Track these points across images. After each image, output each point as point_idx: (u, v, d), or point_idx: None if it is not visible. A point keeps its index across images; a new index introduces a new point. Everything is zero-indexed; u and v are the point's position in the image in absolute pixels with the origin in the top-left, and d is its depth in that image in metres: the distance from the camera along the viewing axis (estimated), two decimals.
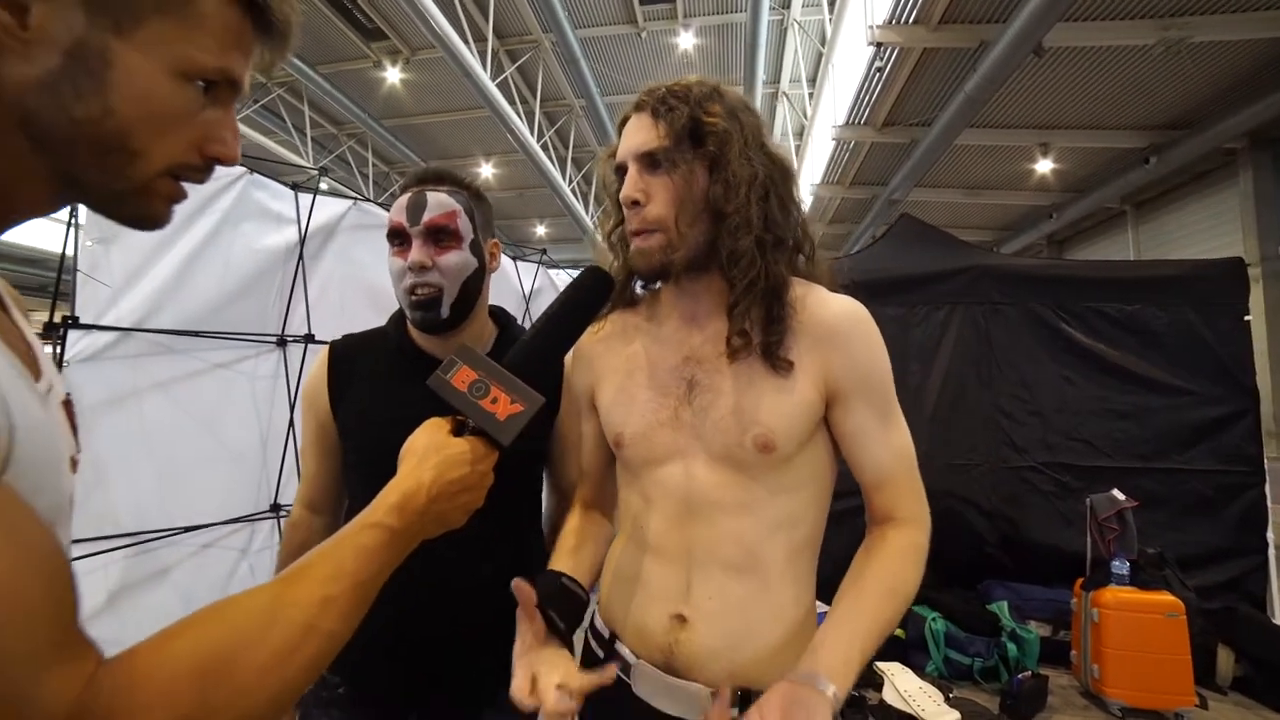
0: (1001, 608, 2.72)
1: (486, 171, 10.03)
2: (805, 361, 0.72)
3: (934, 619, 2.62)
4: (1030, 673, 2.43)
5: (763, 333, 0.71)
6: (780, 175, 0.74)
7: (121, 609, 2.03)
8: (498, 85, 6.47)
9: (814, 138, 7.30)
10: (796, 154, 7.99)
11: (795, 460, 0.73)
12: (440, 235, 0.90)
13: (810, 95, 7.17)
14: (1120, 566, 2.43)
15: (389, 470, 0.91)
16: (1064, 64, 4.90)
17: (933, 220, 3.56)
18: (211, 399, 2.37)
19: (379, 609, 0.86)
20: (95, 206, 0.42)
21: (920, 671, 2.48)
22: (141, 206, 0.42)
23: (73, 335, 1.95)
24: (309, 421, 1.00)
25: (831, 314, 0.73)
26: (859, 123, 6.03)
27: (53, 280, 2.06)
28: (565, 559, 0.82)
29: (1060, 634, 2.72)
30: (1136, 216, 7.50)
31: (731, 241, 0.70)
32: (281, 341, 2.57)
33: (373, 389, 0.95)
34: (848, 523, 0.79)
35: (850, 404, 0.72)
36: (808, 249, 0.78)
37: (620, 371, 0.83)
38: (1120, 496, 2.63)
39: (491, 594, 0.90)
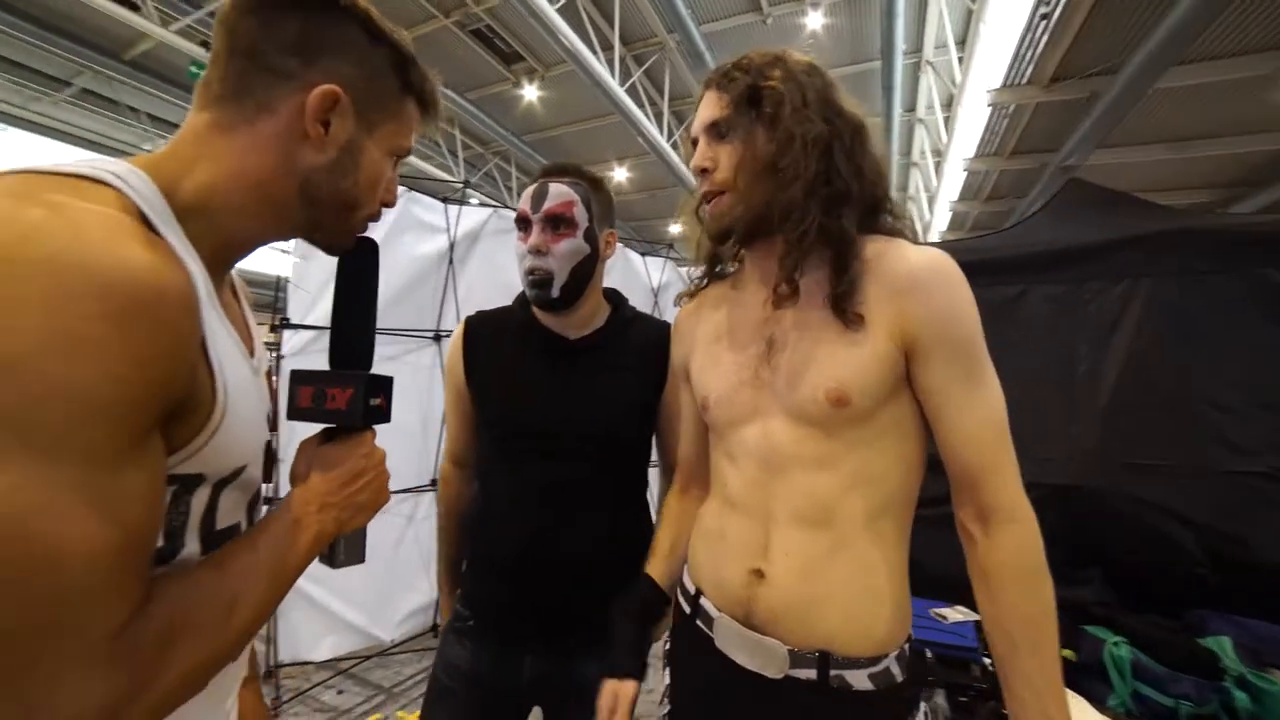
0: (1222, 645, 2.21)
1: (620, 175, 10.41)
2: (880, 314, 0.69)
3: (1115, 643, 2.22)
4: None
5: (831, 286, 0.71)
6: (850, 132, 0.75)
7: None
8: (626, 90, 6.70)
9: (965, 106, 6.54)
10: (945, 127, 7.23)
11: (875, 417, 0.70)
12: (557, 222, 0.99)
13: (960, 60, 6.45)
14: None
15: (512, 430, 1.03)
16: None
17: (1125, 186, 2.99)
18: None
19: (505, 561, 0.98)
20: (315, 240, 0.61)
21: (1100, 704, 2.11)
22: (345, 242, 0.62)
23: (286, 333, 2.39)
24: (449, 388, 1.13)
25: (909, 264, 0.70)
26: (1020, 82, 5.28)
27: (266, 294, 2.58)
28: (659, 564, 0.92)
29: None
30: None
31: (783, 194, 0.72)
32: (437, 337, 2.92)
33: (499, 359, 1.07)
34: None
35: (929, 359, 0.68)
36: (889, 206, 0.77)
37: (709, 338, 0.86)
38: None
39: (595, 560, 1.00)
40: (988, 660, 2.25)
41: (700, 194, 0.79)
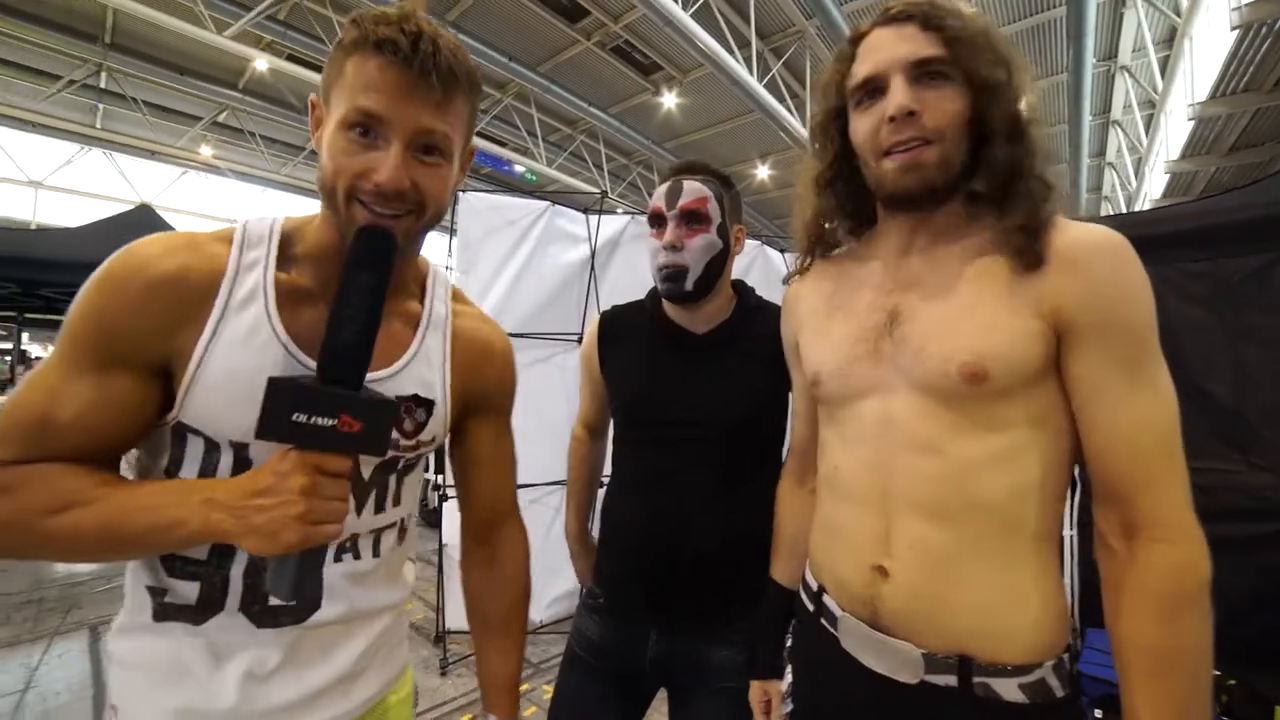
0: None
1: (762, 173, 10.21)
2: (1036, 287, 0.61)
3: None
4: None
5: (1017, 242, 0.63)
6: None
7: None
8: (766, 85, 6.55)
9: (1195, 37, 5.32)
10: (1162, 70, 5.96)
11: (1015, 398, 0.62)
12: (692, 219, 1.01)
13: None
14: None
15: (639, 419, 1.08)
16: None
17: None
18: (535, 386, 3.01)
19: (632, 544, 1.03)
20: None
21: None
22: (352, 229, 0.56)
23: None
24: (584, 373, 1.21)
25: (1071, 239, 0.61)
26: None
27: None
28: (781, 565, 0.92)
29: None
30: None
31: (1026, 146, 0.65)
32: (581, 340, 3.10)
33: (631, 350, 1.12)
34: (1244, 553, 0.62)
35: (1083, 346, 0.60)
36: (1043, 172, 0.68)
37: (820, 312, 0.81)
38: None
39: (715, 547, 1.00)
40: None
41: (901, 141, 0.66)
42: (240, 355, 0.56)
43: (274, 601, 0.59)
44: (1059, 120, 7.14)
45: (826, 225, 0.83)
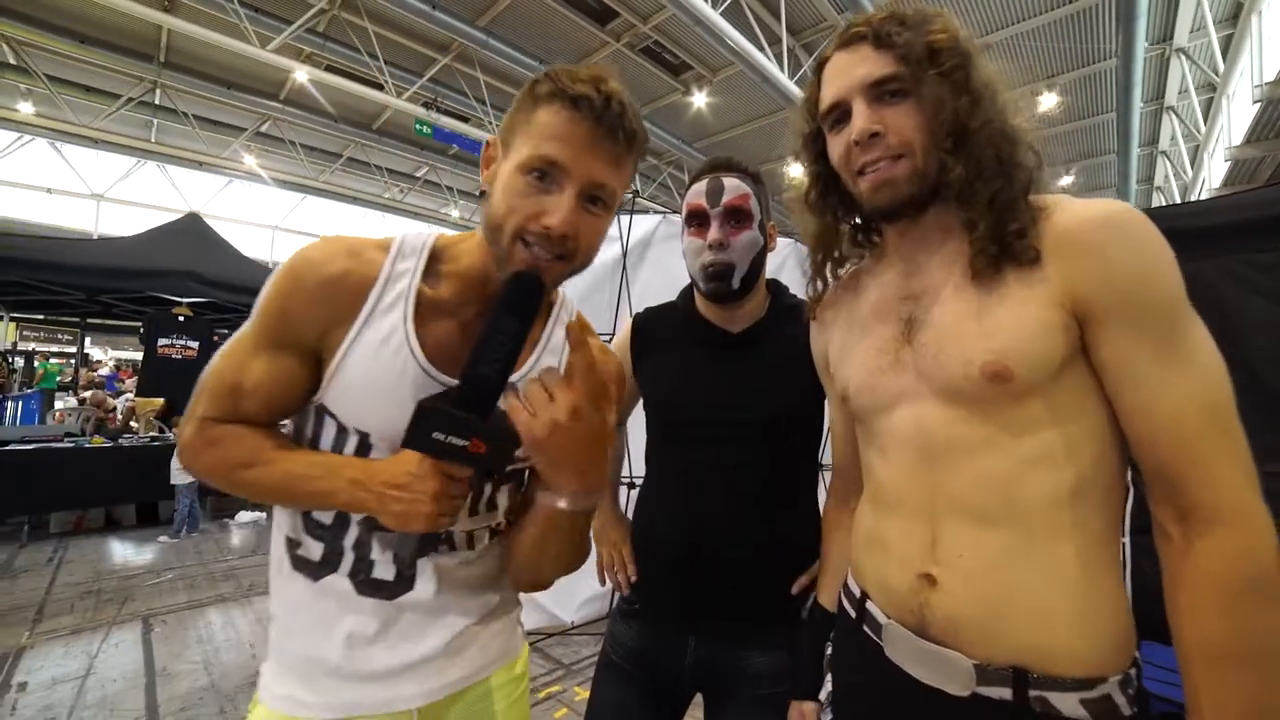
0: None
1: (796, 171, 10.05)
2: (1045, 277, 0.59)
3: None
4: None
5: (989, 249, 0.63)
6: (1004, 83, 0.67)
7: None
8: (797, 82, 6.46)
9: (1264, 12, 5.02)
10: (1223, 52, 5.65)
11: (1047, 392, 0.60)
12: (736, 215, 1.00)
13: None
14: None
15: (674, 418, 1.06)
16: None
17: None
18: None
19: (658, 542, 1.02)
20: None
21: None
22: (510, 267, 0.62)
23: None
24: None
25: (1079, 218, 0.59)
26: None
27: None
28: (829, 586, 0.90)
29: None
30: None
31: (975, 157, 0.64)
32: (613, 340, 3.09)
33: (665, 351, 1.11)
34: None
35: (1106, 329, 0.57)
36: (1035, 161, 0.66)
37: (843, 328, 0.81)
38: None
39: (751, 548, 0.98)
40: None
41: (870, 161, 0.68)
42: (374, 356, 0.65)
43: (375, 575, 0.69)
44: (1106, 109, 6.85)
45: (838, 229, 0.82)
